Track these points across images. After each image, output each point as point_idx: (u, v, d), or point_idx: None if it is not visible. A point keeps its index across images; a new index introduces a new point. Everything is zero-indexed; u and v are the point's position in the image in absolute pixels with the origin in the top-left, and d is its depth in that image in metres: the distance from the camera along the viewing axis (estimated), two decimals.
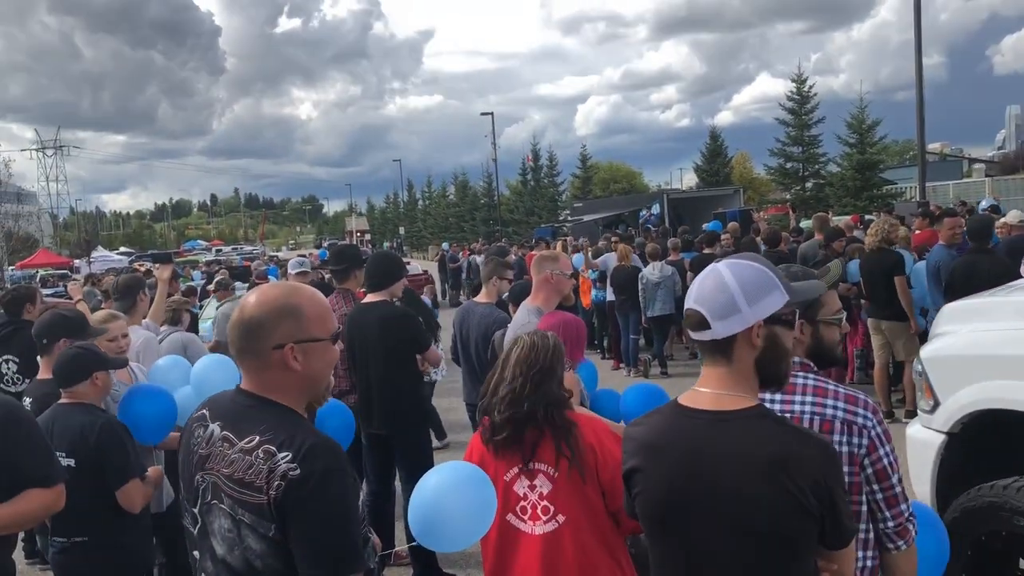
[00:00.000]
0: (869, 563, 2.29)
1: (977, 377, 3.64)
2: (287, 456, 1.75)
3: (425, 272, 23.15)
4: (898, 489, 2.25)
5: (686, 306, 1.97)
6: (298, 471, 1.73)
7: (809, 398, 2.31)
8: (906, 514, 2.26)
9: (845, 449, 2.25)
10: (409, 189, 79.52)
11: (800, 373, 2.33)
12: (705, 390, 1.96)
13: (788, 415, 2.26)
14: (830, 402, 2.29)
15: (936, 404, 3.84)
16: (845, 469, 2.20)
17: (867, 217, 15.71)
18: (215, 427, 1.91)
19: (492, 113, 48.33)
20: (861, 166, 31.15)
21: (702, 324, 1.92)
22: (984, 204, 15.17)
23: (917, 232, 10.24)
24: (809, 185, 34.71)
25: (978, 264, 6.66)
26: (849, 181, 31.19)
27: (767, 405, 2.17)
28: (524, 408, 2.58)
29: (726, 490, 1.84)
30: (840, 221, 13.09)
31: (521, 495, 2.60)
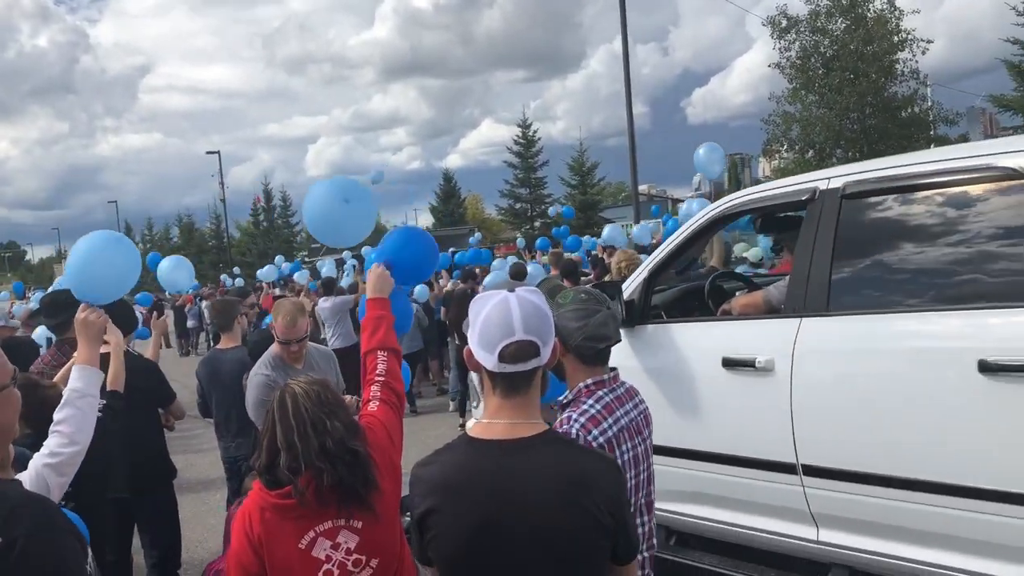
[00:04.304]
0: (645, 554, 2.50)
1: None
2: None
3: None
4: None
5: (517, 337, 1.87)
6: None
7: (632, 405, 2.51)
8: None
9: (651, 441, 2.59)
10: (127, 232, 74.03)
11: (603, 391, 2.44)
12: (498, 421, 1.93)
13: (623, 422, 2.41)
14: (638, 400, 2.56)
15: (479, 402, 4.73)
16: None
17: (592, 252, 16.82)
18: None
19: (219, 152, 46.42)
20: (583, 206, 33.52)
21: (535, 353, 1.90)
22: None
23: None
24: (537, 224, 36.73)
25: None
26: (573, 220, 33.33)
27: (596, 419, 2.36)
28: (332, 458, 2.22)
29: (533, 517, 1.82)
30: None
31: (323, 558, 2.26)
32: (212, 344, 15.84)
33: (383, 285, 2.98)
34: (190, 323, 23.12)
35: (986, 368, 2.86)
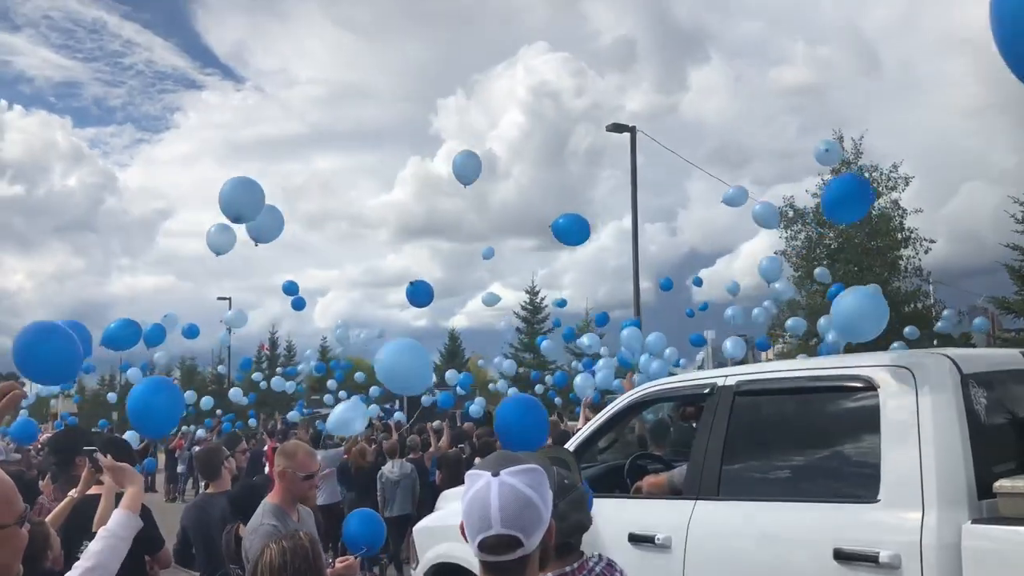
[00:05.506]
0: None
1: (436, 540, 5.12)
2: None
3: None
4: None
5: (494, 531, 1.75)
6: None
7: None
8: None
9: None
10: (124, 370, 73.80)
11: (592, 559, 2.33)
12: None
13: None
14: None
15: (417, 562, 5.35)
16: None
17: None
18: None
19: (230, 298, 46.93)
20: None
21: (515, 546, 1.76)
22: None
23: None
24: (539, 390, 36.53)
25: None
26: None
27: None
28: None
29: None
30: (574, 424, 13.82)
31: None
32: (201, 490, 15.42)
33: None
34: (180, 468, 22.36)
35: (840, 556, 3.27)
